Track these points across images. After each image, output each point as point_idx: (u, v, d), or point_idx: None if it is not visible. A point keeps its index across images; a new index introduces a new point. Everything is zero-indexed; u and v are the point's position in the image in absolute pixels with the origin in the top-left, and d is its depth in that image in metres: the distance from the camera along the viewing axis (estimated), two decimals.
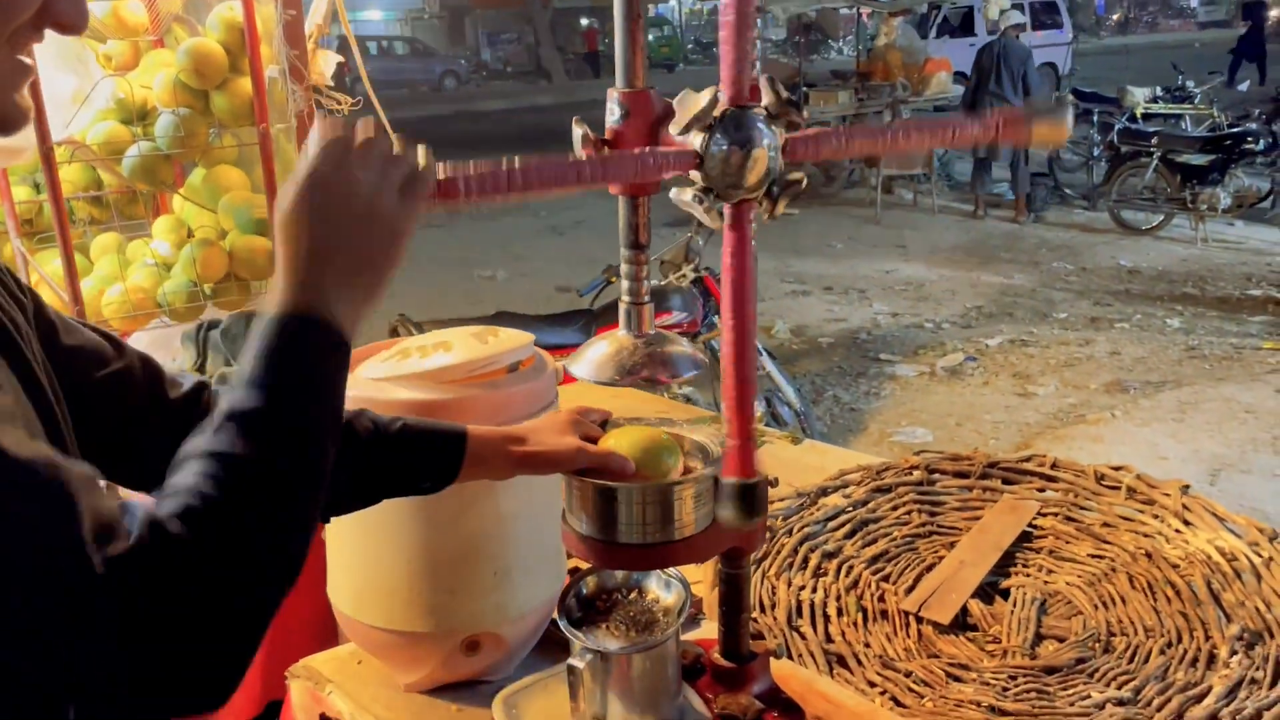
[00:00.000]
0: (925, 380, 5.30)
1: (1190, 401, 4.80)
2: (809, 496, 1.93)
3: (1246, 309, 6.34)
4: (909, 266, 7.58)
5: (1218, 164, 7.99)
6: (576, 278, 7.13)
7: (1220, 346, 5.62)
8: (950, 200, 9.62)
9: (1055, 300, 6.63)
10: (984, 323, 6.24)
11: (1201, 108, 9.44)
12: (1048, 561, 1.80)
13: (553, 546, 1.28)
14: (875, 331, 6.09)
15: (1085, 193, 9.49)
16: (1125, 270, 7.33)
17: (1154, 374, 5.25)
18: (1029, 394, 5.05)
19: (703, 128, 0.92)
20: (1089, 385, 5.13)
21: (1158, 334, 5.91)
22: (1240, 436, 4.38)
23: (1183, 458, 4.13)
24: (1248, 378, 5.09)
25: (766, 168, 0.94)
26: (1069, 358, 5.55)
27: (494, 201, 0.86)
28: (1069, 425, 4.64)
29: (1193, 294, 6.71)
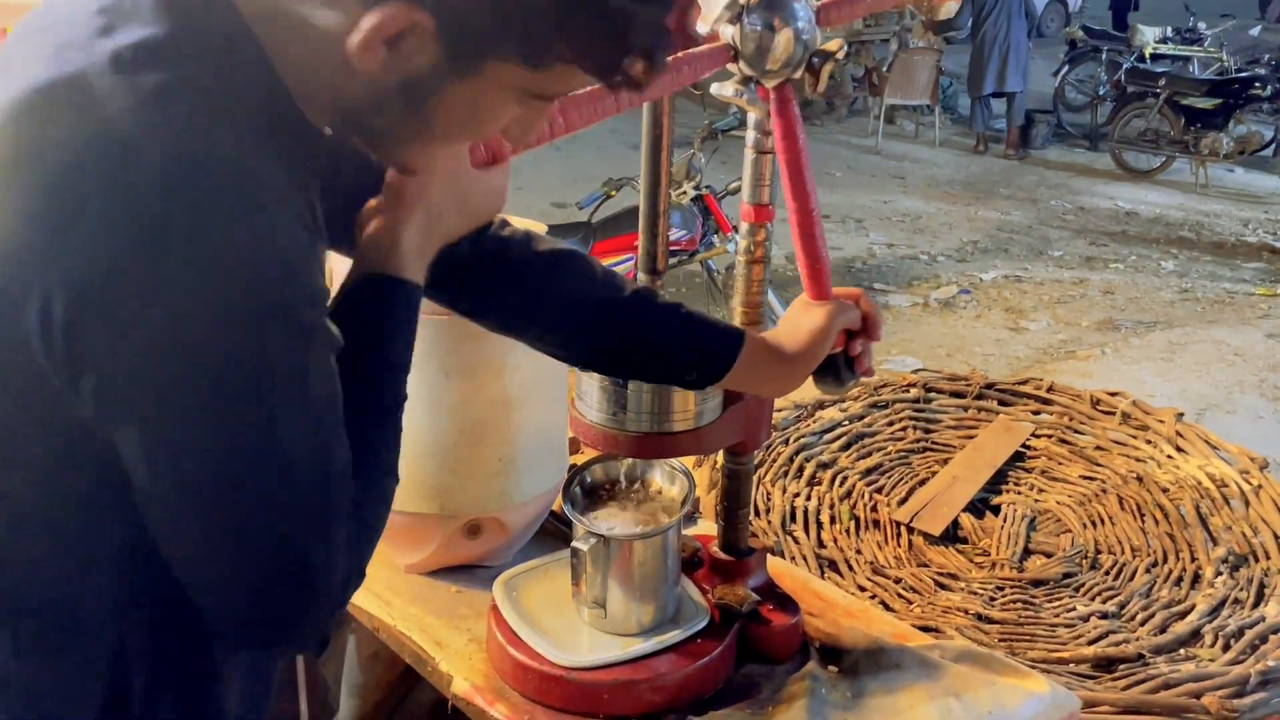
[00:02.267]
0: (918, 311, 5.30)
1: (1180, 342, 4.83)
2: (806, 409, 1.94)
3: (1241, 255, 6.34)
4: (907, 198, 7.53)
5: (1223, 109, 7.91)
6: (573, 193, 7.06)
7: (1213, 290, 5.64)
8: (952, 134, 9.51)
9: (1051, 238, 6.61)
10: (979, 257, 6.22)
11: (1211, 51, 9.31)
12: (1039, 481, 1.83)
13: (557, 436, 1.29)
14: (870, 261, 6.07)
15: (1088, 132, 9.40)
16: (1123, 212, 7.30)
17: (1146, 314, 5.27)
18: (1020, 329, 5.07)
19: (733, 18, 0.90)
20: (1080, 323, 5.14)
21: (1152, 275, 5.91)
22: (1227, 378, 4.42)
23: (1169, 396, 4.16)
24: (1238, 321, 5.12)
25: (803, 42, 0.92)
26: (1062, 295, 5.56)
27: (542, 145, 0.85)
28: (1059, 360, 4.66)
29: (1189, 238, 6.70)
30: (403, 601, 1.20)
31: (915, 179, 8.09)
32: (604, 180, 4.22)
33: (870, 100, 9.65)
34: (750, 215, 1.11)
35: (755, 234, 1.11)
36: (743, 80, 0.96)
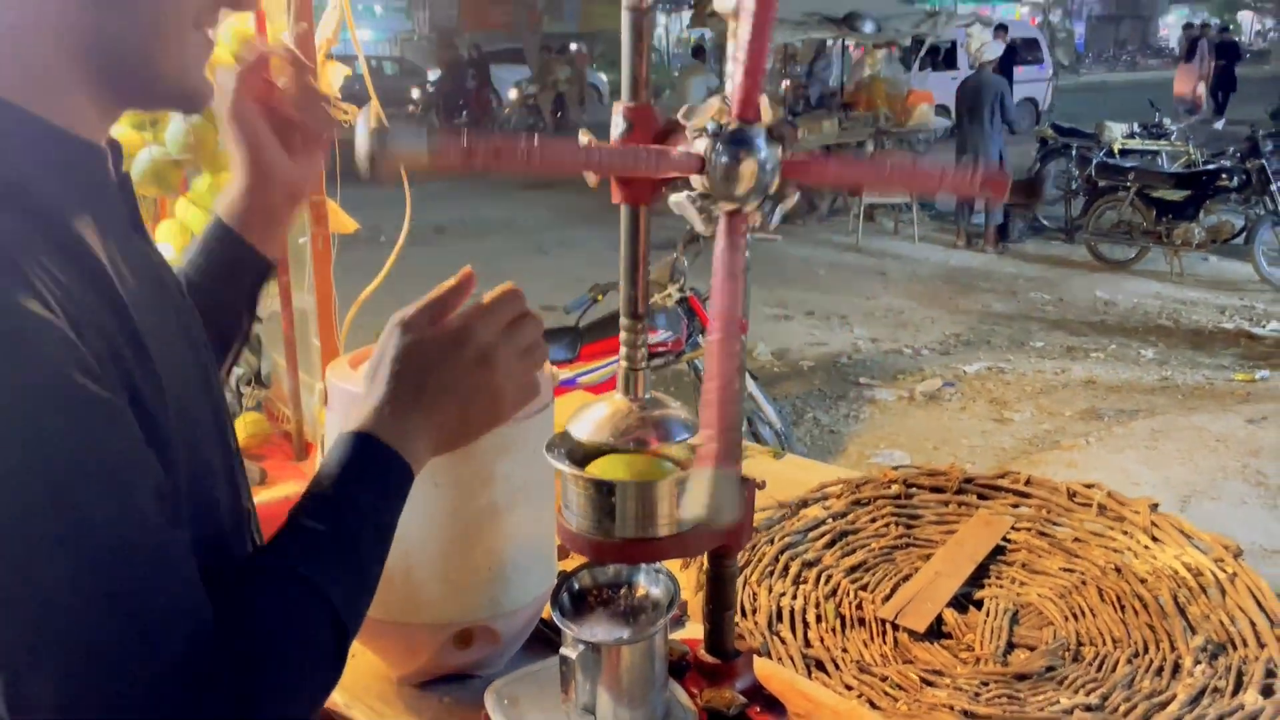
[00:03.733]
0: (904, 405, 5.37)
1: (1163, 430, 4.89)
2: (790, 507, 1.98)
3: (1219, 342, 6.46)
4: (889, 294, 7.68)
5: (1192, 200, 8.15)
6: (561, 297, 7.17)
7: (1193, 378, 5.73)
8: (930, 230, 9.75)
9: (1032, 330, 6.74)
10: (962, 350, 6.33)
11: (1178, 144, 9.63)
12: (1020, 574, 1.86)
13: (546, 543, 1.33)
14: (856, 356, 6.17)
15: (1063, 225, 9.64)
16: (1101, 302, 7.45)
17: (1128, 403, 5.35)
18: (1005, 420, 5.13)
19: (709, 135, 0.97)
20: (1064, 412, 5.21)
21: (1132, 364, 6.01)
22: (1210, 465, 4.47)
23: (1154, 484, 4.21)
24: (1219, 408, 5.19)
25: (764, 180, 0.99)
26: (1045, 385, 5.64)
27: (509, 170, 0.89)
28: (1044, 451, 4.72)
29: (1167, 326, 6.83)
30: (394, 713, 1.22)
31: (896, 274, 8.26)
32: (590, 285, 4.32)
33: (850, 199, 9.91)
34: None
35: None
36: (702, 195, 1.02)
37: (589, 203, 11.43)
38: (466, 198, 11.28)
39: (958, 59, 16.01)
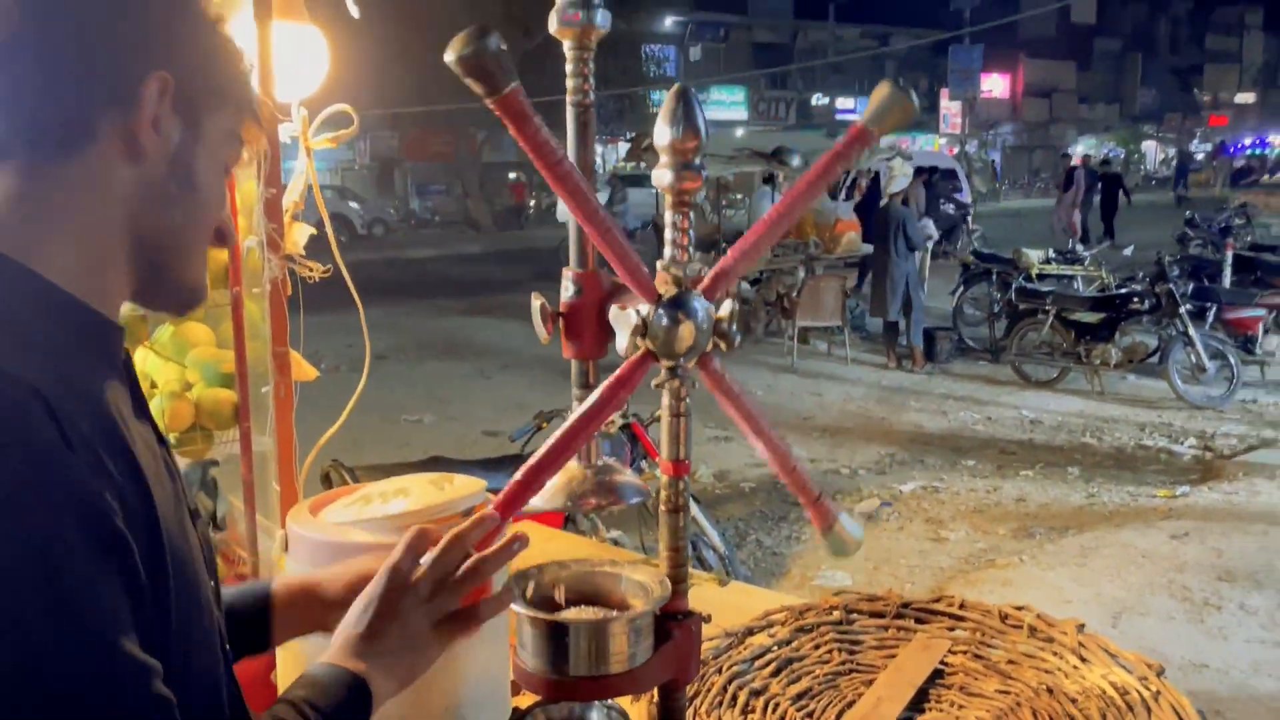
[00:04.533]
0: None
1: (1091, 547, 5.03)
2: (736, 636, 2.02)
3: (1140, 459, 6.71)
4: (825, 414, 7.86)
5: (1108, 322, 8.55)
6: (504, 422, 7.22)
7: (1118, 495, 5.92)
8: (862, 351, 10.04)
9: (964, 448, 6.93)
10: (898, 469, 6.48)
11: (1091, 269, 10.14)
12: (959, 697, 1.92)
13: (500, 682, 1.37)
14: None
15: (988, 346, 10.01)
16: (1028, 420, 7.70)
17: (1057, 520, 5.50)
18: (942, 539, 5.24)
19: (641, 334, 1.08)
20: (998, 530, 5.34)
21: (1060, 482, 6.20)
22: (1138, 581, 4.60)
23: (1085, 601, 4.31)
24: (1144, 525, 5.36)
25: (692, 350, 1.09)
26: (978, 504, 5.79)
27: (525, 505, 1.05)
28: (980, 570, 4.82)
29: (1091, 444, 7.08)
30: None
31: (832, 395, 8.47)
32: (535, 413, 4.38)
33: (784, 323, 10.19)
34: (670, 470, 1.25)
35: (675, 485, 1.25)
36: (668, 371, 1.12)
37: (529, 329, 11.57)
38: (405, 323, 11.35)
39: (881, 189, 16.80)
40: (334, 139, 1.46)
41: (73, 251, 0.76)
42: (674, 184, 1.17)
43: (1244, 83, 55.67)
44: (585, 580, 1.29)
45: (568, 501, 1.18)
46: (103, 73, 0.75)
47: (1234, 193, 22.07)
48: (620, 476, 1.21)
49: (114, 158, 0.77)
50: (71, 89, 0.75)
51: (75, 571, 0.65)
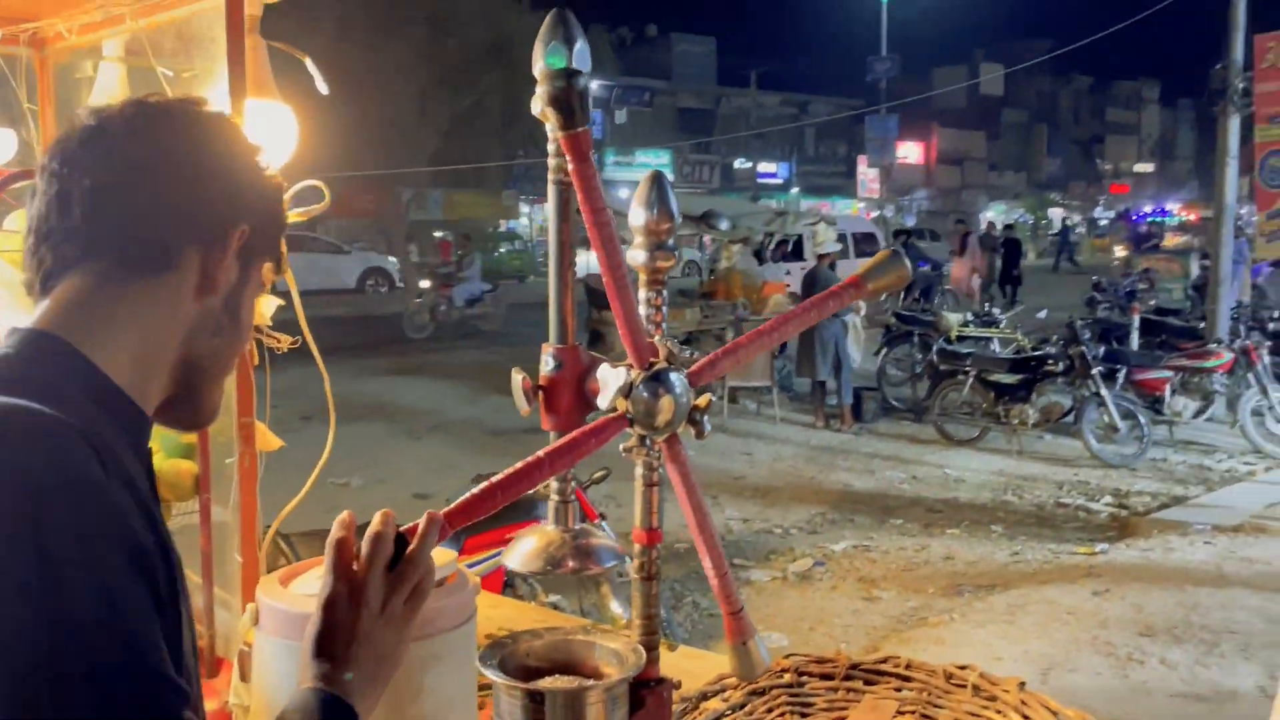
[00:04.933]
0: (778, 585, 5.51)
1: (1018, 604, 5.16)
2: (691, 701, 2.04)
3: (1060, 517, 6.91)
4: (756, 473, 7.95)
5: (1025, 383, 8.85)
6: (435, 484, 7.14)
7: (1040, 552, 6.09)
8: (790, 411, 10.20)
9: (892, 507, 7.06)
10: (829, 528, 6.57)
11: (1007, 332, 10.50)
12: None
13: None
14: (729, 537, 6.31)
15: (911, 406, 10.26)
16: (952, 479, 7.89)
17: (984, 578, 5.63)
18: (874, 598, 5.32)
19: (625, 394, 1.12)
20: (928, 589, 5.44)
21: (985, 540, 6.35)
22: (1064, 637, 4.72)
23: (1016, 658, 4.41)
24: (1067, 582, 5.52)
25: (681, 404, 1.14)
26: (908, 562, 5.89)
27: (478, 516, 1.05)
28: (912, 628, 4.89)
29: (1012, 501, 7.28)
30: None
31: (762, 454, 8.57)
32: (473, 475, 4.36)
33: (714, 383, 10.31)
34: (643, 539, 1.28)
35: (648, 554, 1.28)
36: (639, 439, 1.16)
37: (461, 387, 11.50)
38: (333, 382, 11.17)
39: (804, 251, 17.23)
40: (304, 213, 1.48)
41: (128, 356, 0.86)
42: (649, 263, 1.22)
43: (1142, 153, 58.60)
44: (559, 649, 1.30)
45: (546, 565, 1.21)
46: (197, 214, 0.89)
47: (1137, 258, 23.08)
48: (596, 540, 1.24)
49: (186, 287, 0.89)
50: (167, 222, 0.88)
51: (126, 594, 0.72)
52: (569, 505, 1.23)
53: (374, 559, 0.94)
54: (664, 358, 1.15)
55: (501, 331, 16.28)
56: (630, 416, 1.12)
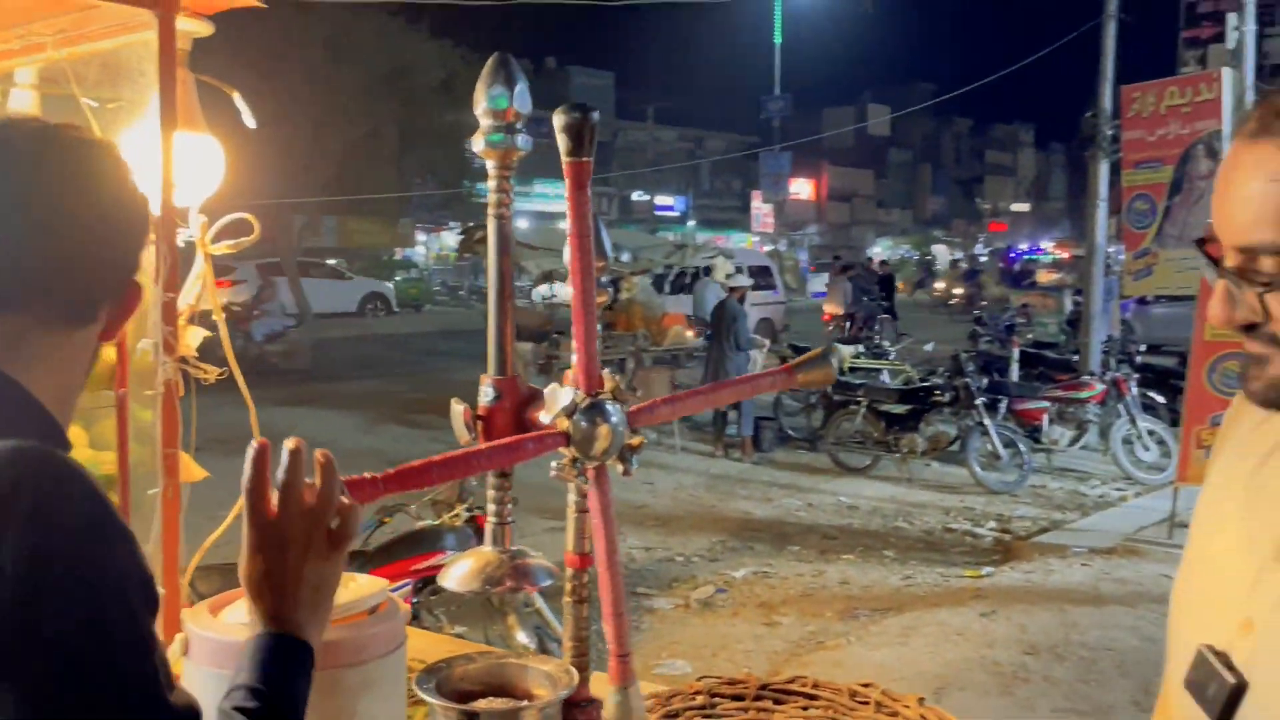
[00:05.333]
0: (681, 613, 5.58)
1: (911, 626, 5.34)
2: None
3: (948, 542, 7.18)
4: (658, 502, 8.03)
5: (914, 413, 9.19)
6: None
7: (930, 576, 6.32)
8: (690, 440, 10.33)
9: (789, 534, 7.22)
10: (729, 556, 6.68)
11: (896, 364, 10.88)
12: None
13: None
14: (631, 566, 6.36)
15: (807, 436, 10.52)
16: (846, 506, 8.12)
17: (878, 601, 5.81)
18: (774, 623, 5.44)
19: (568, 414, 1.17)
20: (825, 613, 5.59)
21: (878, 564, 6.56)
22: (955, 657, 4.91)
23: (910, 678, 4.57)
24: (956, 604, 5.74)
25: (618, 437, 1.19)
26: (806, 588, 6.04)
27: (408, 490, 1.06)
28: (811, 652, 5.02)
29: (904, 527, 7.53)
30: None
31: (663, 484, 8.66)
32: (378, 507, 4.32)
33: None
34: (575, 563, 1.33)
35: (579, 578, 1.33)
36: (572, 459, 1.21)
37: (357, 417, 11.30)
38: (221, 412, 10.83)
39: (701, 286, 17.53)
40: (235, 245, 1.49)
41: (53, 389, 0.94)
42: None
43: (1019, 193, 61.48)
44: (493, 672, 1.34)
45: (484, 584, 1.24)
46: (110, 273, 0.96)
47: (1015, 294, 24.15)
48: (532, 560, 1.28)
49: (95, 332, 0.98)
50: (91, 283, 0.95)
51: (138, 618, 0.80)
52: (506, 526, 1.27)
53: (287, 499, 0.97)
54: (610, 390, 1.21)
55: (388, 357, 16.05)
56: (569, 436, 1.17)
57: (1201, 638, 0.92)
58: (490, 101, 1.17)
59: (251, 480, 0.97)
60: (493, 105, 1.17)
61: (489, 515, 1.27)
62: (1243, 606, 0.89)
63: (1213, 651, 0.90)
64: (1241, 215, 0.83)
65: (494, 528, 1.26)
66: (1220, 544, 0.97)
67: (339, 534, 1.00)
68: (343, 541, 1.00)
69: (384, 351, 16.48)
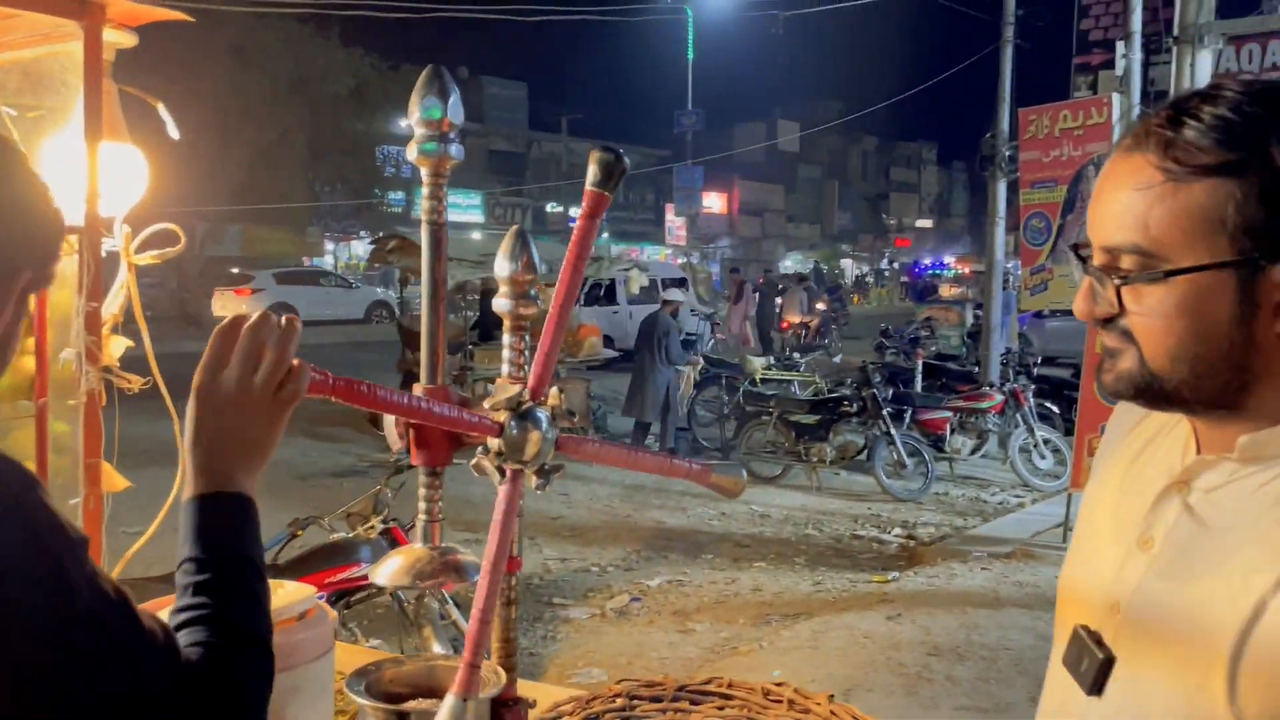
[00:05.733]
0: (597, 622, 5.62)
1: (821, 630, 5.48)
2: None
3: (856, 548, 7.37)
4: (574, 513, 8.06)
5: (823, 423, 9.41)
6: None
7: (839, 581, 6.48)
8: None
9: (703, 543, 7.33)
10: (644, 565, 6.75)
11: (806, 375, 11.12)
12: None
13: None
14: (547, 577, 6.38)
15: (720, 445, 10.67)
16: (757, 515, 8.26)
17: (790, 607, 5.94)
18: (689, 630, 5.52)
19: (510, 409, 1.21)
20: (738, 620, 5.69)
21: (789, 571, 6.70)
22: (863, 660, 5.06)
23: (820, 680, 4.69)
24: (863, 608, 5.90)
25: (544, 450, 1.24)
26: (719, 595, 6.14)
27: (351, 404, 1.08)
28: (725, 658, 5.11)
29: (814, 535, 7.70)
30: None
31: (579, 495, 8.69)
32: (290, 520, 4.27)
33: None
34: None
35: (507, 581, 1.37)
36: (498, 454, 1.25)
37: None
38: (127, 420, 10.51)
39: (616, 295, 17.62)
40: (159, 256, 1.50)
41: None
42: (513, 310, 1.33)
43: (923, 210, 63.23)
44: (422, 674, 1.37)
45: (414, 579, 1.27)
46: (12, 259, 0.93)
47: (920, 307, 24.84)
48: (462, 557, 1.31)
49: None
50: None
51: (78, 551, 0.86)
52: (436, 524, 1.30)
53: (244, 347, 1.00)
54: (551, 406, 1.26)
55: None
56: (502, 429, 1.21)
57: (1079, 620, 1.01)
58: (424, 111, 1.21)
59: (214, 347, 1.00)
60: (427, 115, 1.21)
61: (420, 513, 1.30)
62: (1111, 590, 0.99)
63: (1087, 631, 1.00)
64: (1109, 218, 0.93)
65: (424, 525, 1.29)
66: (1096, 537, 1.07)
67: (285, 394, 1.03)
68: (287, 402, 1.04)
69: None
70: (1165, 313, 0.90)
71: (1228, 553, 0.91)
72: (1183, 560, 0.94)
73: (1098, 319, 0.95)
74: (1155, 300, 0.90)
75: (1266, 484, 0.92)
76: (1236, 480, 0.94)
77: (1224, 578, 0.90)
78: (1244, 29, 8.22)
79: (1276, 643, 0.85)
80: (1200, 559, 0.93)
